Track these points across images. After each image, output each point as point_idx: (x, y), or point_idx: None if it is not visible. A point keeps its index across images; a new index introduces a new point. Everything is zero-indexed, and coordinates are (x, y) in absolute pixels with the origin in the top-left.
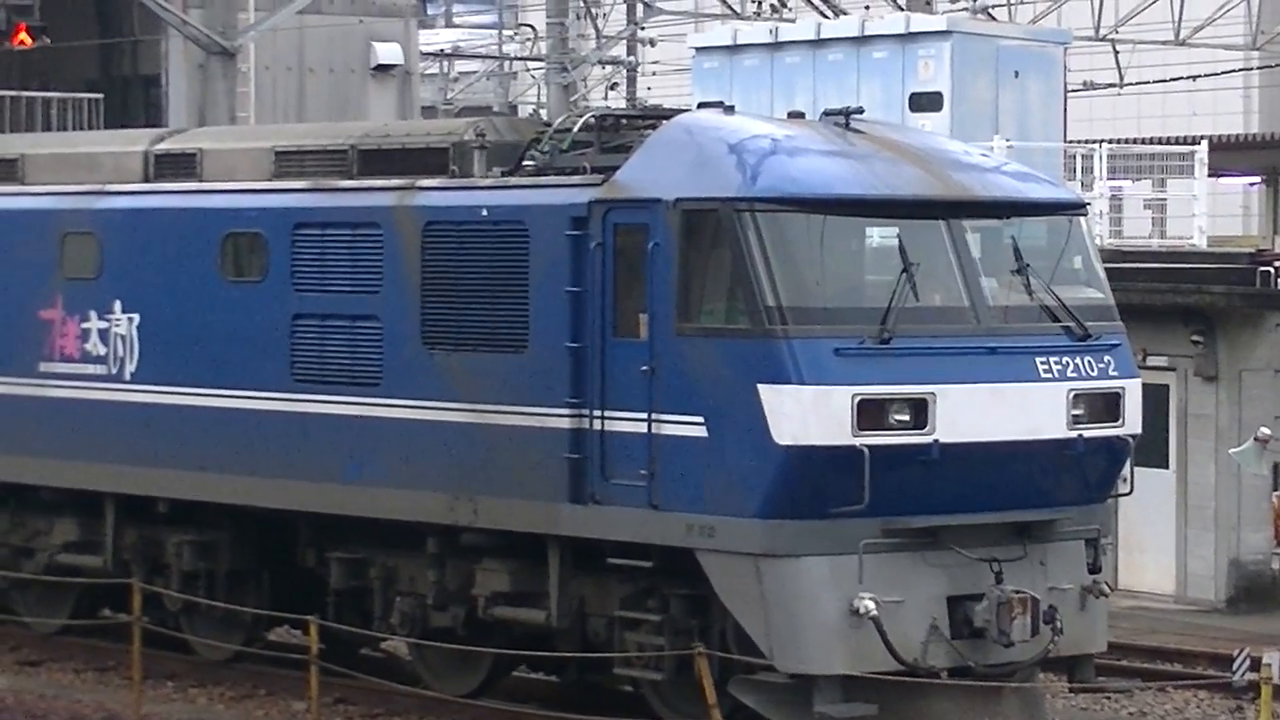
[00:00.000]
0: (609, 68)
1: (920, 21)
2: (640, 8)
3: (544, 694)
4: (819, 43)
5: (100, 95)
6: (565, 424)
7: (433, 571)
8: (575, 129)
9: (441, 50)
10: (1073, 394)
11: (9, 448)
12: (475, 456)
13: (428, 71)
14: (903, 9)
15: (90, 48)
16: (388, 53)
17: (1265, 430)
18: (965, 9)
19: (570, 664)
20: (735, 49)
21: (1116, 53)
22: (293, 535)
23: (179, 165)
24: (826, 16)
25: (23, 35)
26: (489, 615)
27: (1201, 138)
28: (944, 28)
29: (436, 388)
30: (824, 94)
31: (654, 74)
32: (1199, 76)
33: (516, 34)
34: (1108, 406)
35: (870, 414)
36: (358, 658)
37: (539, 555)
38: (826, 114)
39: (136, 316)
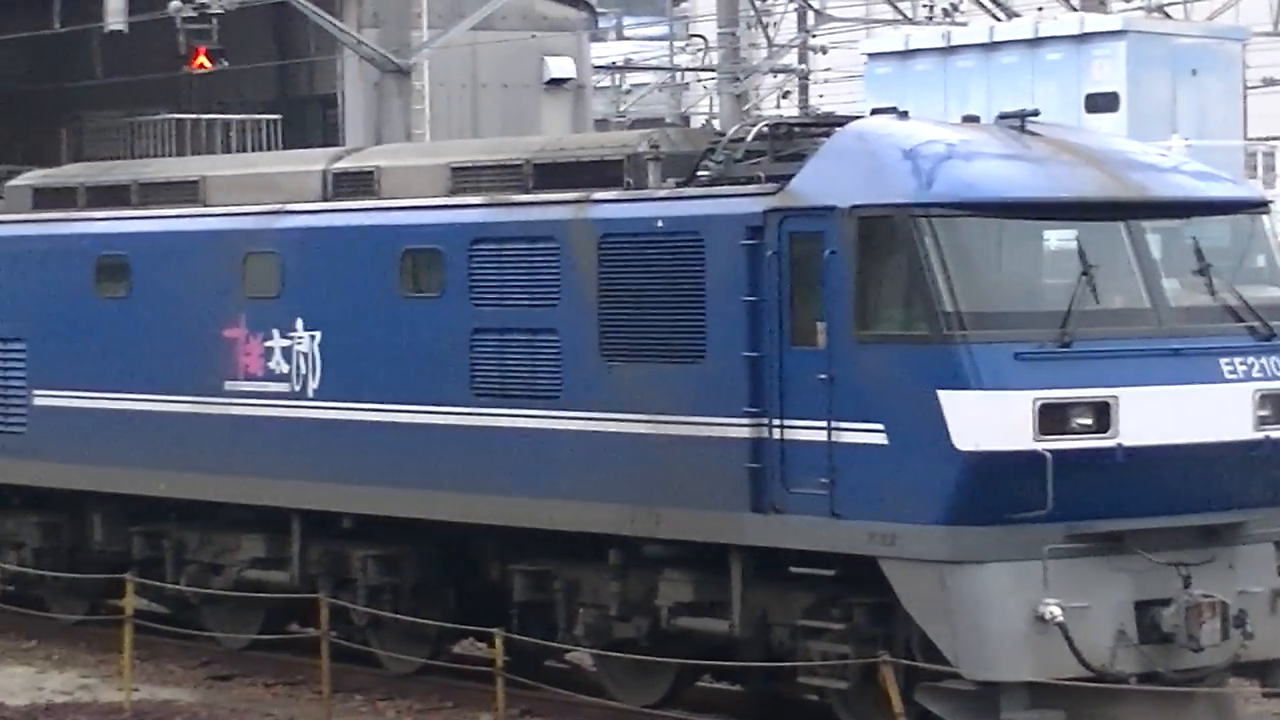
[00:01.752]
0: (781, 76)
1: (1094, 22)
2: (811, 15)
3: (728, 704)
4: (992, 46)
5: (278, 116)
6: (745, 433)
7: (615, 583)
8: (749, 138)
9: (613, 63)
10: (1259, 394)
11: (197, 466)
12: (655, 467)
13: (600, 84)
14: (1076, 9)
15: (267, 69)
16: (560, 67)
17: None
18: (1140, 8)
19: (754, 674)
20: (907, 54)
21: None
22: (476, 548)
23: (357, 183)
24: (999, 19)
25: (202, 59)
26: (672, 626)
27: None
28: (1119, 27)
29: (615, 399)
30: (998, 97)
31: (826, 81)
32: None
33: (688, 45)
34: None
35: (1052, 418)
36: (542, 669)
37: (721, 565)
38: (1001, 117)
39: (318, 334)
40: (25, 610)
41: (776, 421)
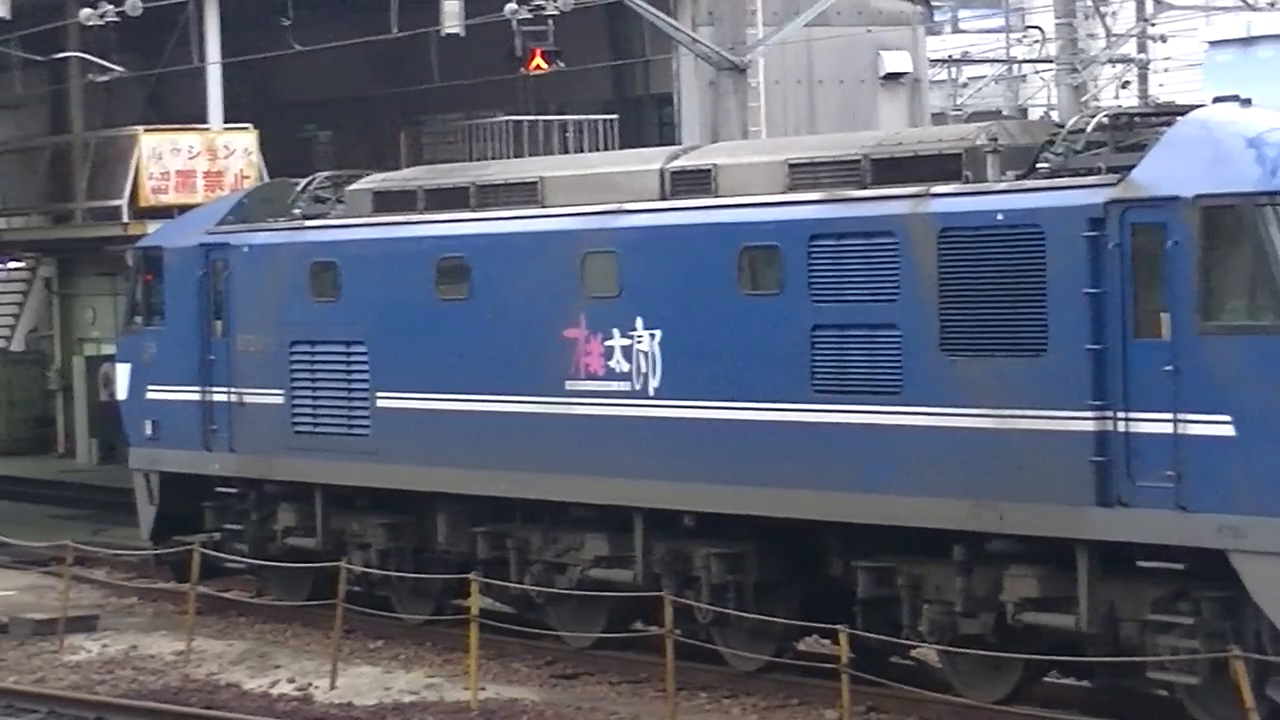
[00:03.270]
0: (1120, 66)
1: None
2: (1150, 4)
3: (1076, 700)
4: None
5: (614, 116)
6: (1089, 427)
7: (960, 578)
8: (1088, 129)
9: (949, 56)
10: None
11: (539, 466)
12: (998, 462)
13: (936, 78)
14: None
15: (603, 69)
16: (896, 61)
17: None
18: None
19: (1102, 669)
20: (1249, 41)
21: None
22: (819, 545)
23: (694, 182)
24: None
25: (538, 60)
26: (1018, 621)
27: None
28: None
29: (956, 394)
30: None
31: (1165, 70)
32: None
33: (1024, 37)
34: None
35: None
36: (887, 666)
37: (1066, 560)
38: None
39: (658, 333)
40: (372, 611)
41: (1121, 414)
